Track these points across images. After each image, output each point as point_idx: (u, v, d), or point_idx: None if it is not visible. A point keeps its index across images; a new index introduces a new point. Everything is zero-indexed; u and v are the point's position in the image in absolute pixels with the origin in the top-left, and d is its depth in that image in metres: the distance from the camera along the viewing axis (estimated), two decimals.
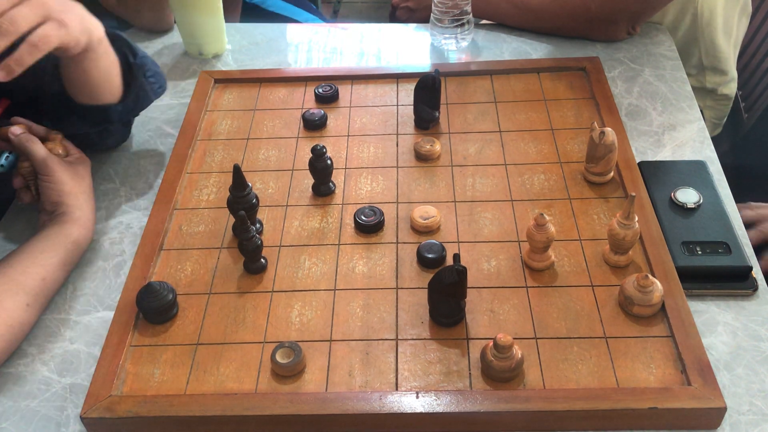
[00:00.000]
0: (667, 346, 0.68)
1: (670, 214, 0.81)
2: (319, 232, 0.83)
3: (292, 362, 0.67)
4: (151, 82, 0.92)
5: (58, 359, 0.73)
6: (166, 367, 0.70)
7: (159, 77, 0.94)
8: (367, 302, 0.75)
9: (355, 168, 0.91)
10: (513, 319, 0.72)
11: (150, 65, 0.92)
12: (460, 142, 0.93)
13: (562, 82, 1.02)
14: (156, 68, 0.94)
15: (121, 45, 0.87)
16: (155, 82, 0.93)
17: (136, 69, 0.88)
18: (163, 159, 0.96)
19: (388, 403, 0.65)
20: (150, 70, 0.91)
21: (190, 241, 0.83)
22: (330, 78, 1.05)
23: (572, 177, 0.87)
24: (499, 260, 0.78)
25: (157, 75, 0.94)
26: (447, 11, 1.10)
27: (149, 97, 0.92)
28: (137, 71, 0.88)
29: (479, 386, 0.66)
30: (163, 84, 0.95)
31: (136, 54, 0.88)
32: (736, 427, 0.64)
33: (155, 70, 0.93)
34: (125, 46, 0.88)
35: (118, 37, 0.88)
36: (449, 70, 1.05)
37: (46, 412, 0.68)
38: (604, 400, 0.64)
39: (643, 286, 0.70)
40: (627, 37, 1.13)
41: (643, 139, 0.95)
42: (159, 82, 0.94)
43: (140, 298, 0.73)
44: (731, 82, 1.24)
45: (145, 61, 0.90)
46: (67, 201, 0.81)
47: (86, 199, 0.83)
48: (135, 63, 0.88)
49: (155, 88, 0.93)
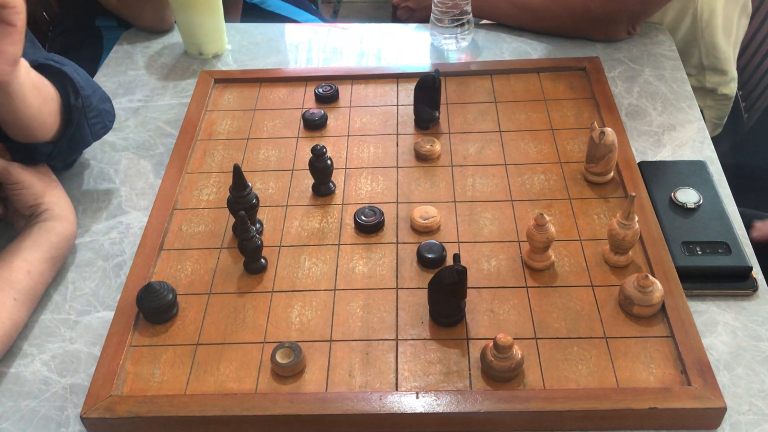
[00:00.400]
0: (667, 346, 0.68)
1: (670, 214, 0.81)
2: (319, 232, 0.83)
3: (292, 362, 0.67)
4: (93, 123, 0.87)
5: (58, 359, 0.73)
6: (166, 367, 0.70)
7: (104, 116, 0.89)
8: (367, 302, 0.75)
9: (355, 168, 0.91)
10: (513, 319, 0.72)
11: (95, 104, 0.87)
12: (460, 142, 0.93)
13: (562, 82, 1.02)
14: (104, 105, 0.90)
15: (65, 83, 0.83)
16: (98, 122, 0.88)
17: (75, 111, 0.83)
18: (163, 159, 0.96)
19: (388, 403, 0.65)
20: (94, 109, 0.86)
21: (190, 241, 0.83)
22: (330, 78, 1.05)
23: (572, 177, 0.87)
24: (499, 260, 0.78)
25: (103, 114, 0.89)
26: (447, 11, 1.10)
27: (87, 141, 0.88)
28: (75, 113, 0.83)
29: (479, 386, 0.66)
30: (108, 124, 0.90)
31: (78, 93, 0.83)
32: (736, 427, 0.64)
33: (102, 107, 0.89)
34: (69, 84, 0.83)
35: (63, 74, 0.83)
36: (449, 70, 1.05)
37: (46, 412, 0.68)
38: (604, 400, 0.64)
39: (643, 286, 0.70)
40: (627, 37, 1.13)
41: (643, 139, 0.95)
42: (103, 123, 0.89)
43: (140, 298, 0.73)
44: (731, 82, 1.24)
45: (89, 101, 0.85)
46: (44, 200, 0.80)
47: (60, 193, 0.83)
48: (74, 105, 0.83)
49: (96, 129, 0.88)
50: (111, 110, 0.92)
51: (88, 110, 0.85)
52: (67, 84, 0.83)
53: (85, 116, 0.85)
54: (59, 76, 0.83)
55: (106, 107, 0.91)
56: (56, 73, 0.83)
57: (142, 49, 1.19)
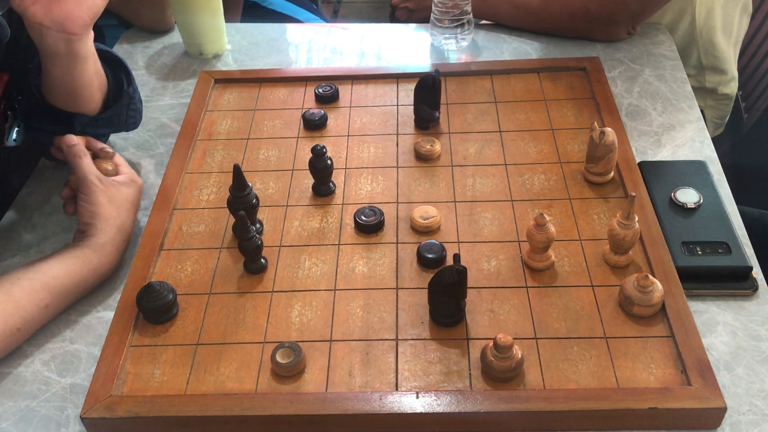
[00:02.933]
0: (667, 346, 0.68)
1: (670, 214, 0.81)
2: (319, 232, 0.83)
3: (292, 362, 0.67)
4: (131, 114, 0.93)
5: (58, 359, 0.73)
6: (166, 367, 0.70)
7: (138, 114, 0.95)
8: (367, 302, 0.75)
9: (355, 168, 0.91)
10: (513, 319, 0.72)
11: (137, 102, 0.94)
12: (460, 142, 0.93)
13: (562, 82, 1.02)
14: (140, 106, 0.96)
15: (120, 69, 0.90)
16: (133, 116, 0.94)
17: (126, 96, 0.90)
18: (163, 159, 0.96)
19: (388, 403, 0.65)
20: (135, 103, 0.93)
21: (190, 241, 0.83)
22: (330, 78, 1.05)
23: (572, 177, 0.87)
24: (499, 260, 0.78)
25: (138, 112, 0.95)
26: (447, 11, 1.10)
27: (119, 126, 0.94)
28: (126, 97, 0.90)
29: (479, 386, 0.66)
30: (138, 122, 0.96)
31: (131, 82, 0.91)
32: (736, 427, 0.64)
33: (139, 108, 0.95)
34: (124, 72, 0.90)
35: (120, 61, 0.90)
36: (449, 70, 1.05)
37: (46, 412, 0.68)
38: (604, 400, 0.64)
39: (643, 286, 0.70)
40: (627, 37, 1.13)
41: (643, 139, 0.95)
42: (135, 119, 0.95)
43: (140, 298, 0.73)
44: (731, 81, 1.24)
45: (134, 94, 0.92)
46: (97, 224, 0.78)
47: (117, 225, 0.79)
48: (126, 90, 0.90)
49: (130, 122, 0.94)
50: (141, 111, 0.97)
51: (131, 101, 0.92)
52: (121, 71, 0.90)
53: (128, 106, 0.91)
54: (116, 63, 0.90)
55: (141, 107, 0.97)
56: (113, 60, 0.90)
57: (142, 49, 1.19)
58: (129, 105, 0.91)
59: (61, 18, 0.74)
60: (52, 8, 0.74)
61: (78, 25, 0.76)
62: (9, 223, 0.89)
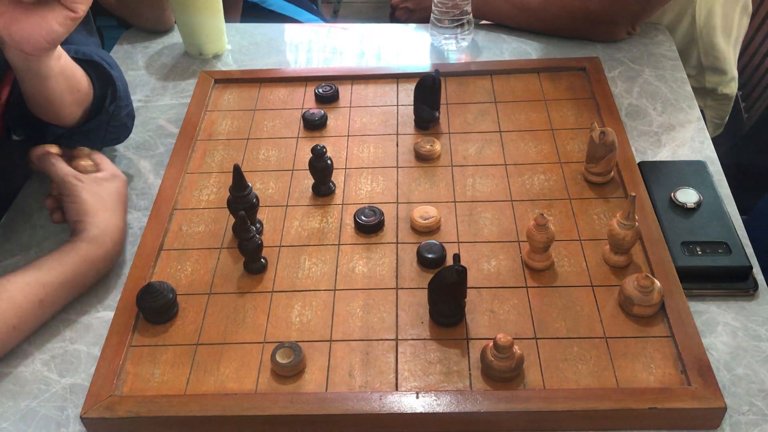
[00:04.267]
0: (667, 346, 0.68)
1: (670, 214, 0.81)
2: (319, 232, 0.83)
3: (292, 362, 0.67)
4: (110, 131, 0.91)
5: (58, 359, 0.73)
6: (166, 367, 0.70)
7: (122, 130, 0.93)
8: (367, 302, 0.75)
9: (355, 168, 0.91)
10: (513, 319, 0.72)
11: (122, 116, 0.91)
12: (460, 142, 0.93)
13: (562, 82, 1.02)
14: (128, 120, 0.93)
15: (108, 85, 0.88)
16: (114, 132, 0.92)
17: (104, 113, 0.88)
18: (163, 159, 0.96)
19: (388, 403, 0.65)
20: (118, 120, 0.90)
21: (190, 241, 0.83)
22: (330, 78, 1.05)
23: (572, 177, 0.87)
24: (499, 260, 0.78)
25: (122, 128, 0.93)
26: (447, 11, 1.10)
27: (97, 143, 0.90)
28: (104, 115, 0.88)
29: (479, 386, 0.66)
30: (121, 137, 0.95)
31: (114, 100, 0.88)
32: (736, 427, 0.64)
33: (125, 122, 0.93)
34: (111, 88, 0.88)
35: (109, 77, 0.88)
36: (449, 70, 1.05)
37: (46, 412, 0.68)
38: (604, 400, 0.64)
39: (643, 286, 0.70)
40: (627, 37, 1.13)
41: (643, 139, 0.95)
42: (117, 134, 0.93)
43: (140, 298, 0.73)
44: (732, 81, 1.24)
45: (119, 111, 0.90)
46: (86, 219, 0.78)
47: (108, 217, 0.79)
48: (106, 108, 0.88)
49: (109, 138, 0.92)
50: (130, 126, 0.95)
51: (113, 119, 0.89)
52: (108, 87, 0.88)
53: (108, 122, 0.89)
54: (105, 77, 0.88)
55: (128, 123, 0.94)
56: (103, 74, 0.88)
57: (142, 49, 1.19)
58: (109, 122, 0.89)
59: (17, 38, 0.71)
60: (11, 26, 0.70)
61: (34, 48, 0.72)
62: (9, 223, 0.89)
